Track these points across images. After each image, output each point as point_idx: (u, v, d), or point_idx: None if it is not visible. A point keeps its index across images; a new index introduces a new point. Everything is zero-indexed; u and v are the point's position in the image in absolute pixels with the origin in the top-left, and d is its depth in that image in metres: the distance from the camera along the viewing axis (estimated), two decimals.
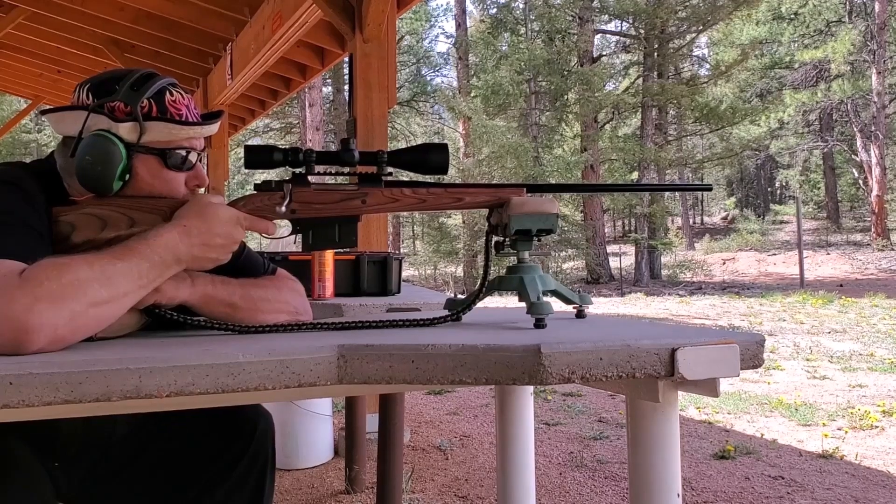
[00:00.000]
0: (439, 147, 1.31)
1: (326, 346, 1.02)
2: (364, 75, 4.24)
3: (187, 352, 0.97)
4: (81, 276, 1.05)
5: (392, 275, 2.32)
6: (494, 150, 21.21)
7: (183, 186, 1.35)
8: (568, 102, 22.55)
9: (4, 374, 0.86)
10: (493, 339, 1.03)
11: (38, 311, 0.99)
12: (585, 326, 1.21)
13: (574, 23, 22.51)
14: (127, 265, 1.11)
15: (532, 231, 1.29)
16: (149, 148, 1.29)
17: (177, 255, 1.17)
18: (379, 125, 4.25)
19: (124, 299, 1.10)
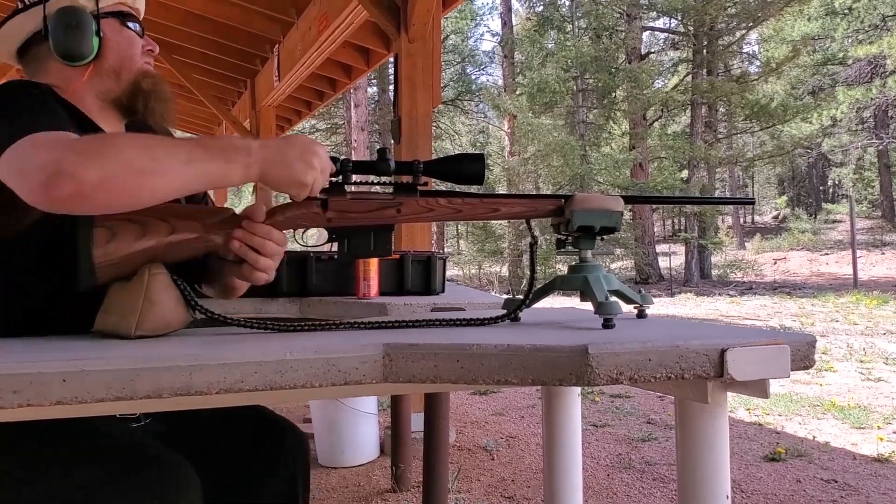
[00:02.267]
0: (475, 157, 1.30)
1: (371, 344, 1.02)
2: (409, 75, 4.26)
3: (235, 349, 0.99)
4: (123, 144, 1.09)
5: (436, 274, 2.33)
6: (540, 149, 21.10)
7: (140, 46, 1.47)
8: (616, 100, 22.35)
9: (57, 372, 0.89)
10: (540, 339, 1.02)
11: (69, 160, 1.03)
12: (634, 327, 1.20)
13: (622, 19, 22.29)
14: (174, 143, 1.12)
15: (595, 228, 1.28)
16: (108, 12, 1.43)
17: (245, 151, 1.15)
18: (423, 124, 4.26)
19: (166, 176, 1.09)
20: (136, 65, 1.46)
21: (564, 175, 20.92)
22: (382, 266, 2.24)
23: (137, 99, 1.44)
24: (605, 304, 1.18)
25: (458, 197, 1.30)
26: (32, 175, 1.04)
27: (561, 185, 21.01)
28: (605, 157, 21.56)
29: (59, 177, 1.02)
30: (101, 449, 1.24)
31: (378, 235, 1.32)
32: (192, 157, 1.11)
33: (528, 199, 1.32)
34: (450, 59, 27.72)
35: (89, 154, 1.04)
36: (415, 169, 1.30)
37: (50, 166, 1.02)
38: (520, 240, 21.32)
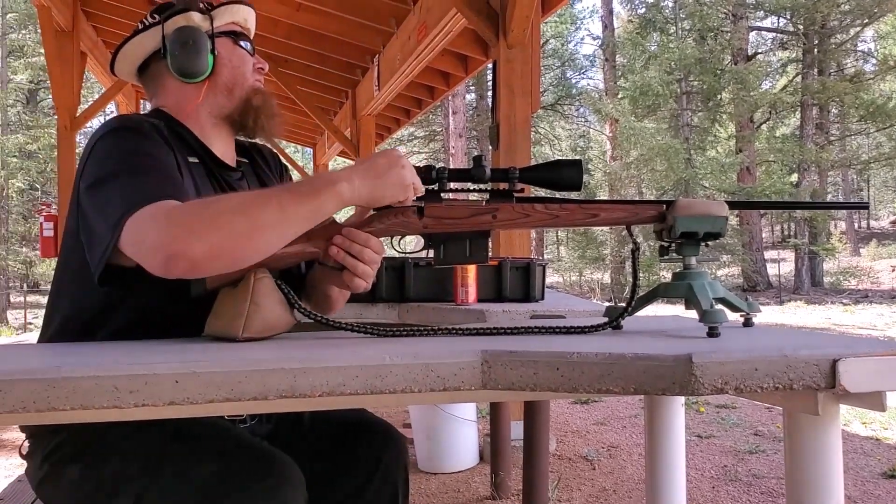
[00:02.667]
0: (572, 163, 1.29)
1: (470, 351, 1.03)
2: (507, 81, 4.26)
3: (337, 353, 1.01)
4: (222, 209, 1.15)
5: (535, 281, 2.32)
6: (643, 153, 20.74)
7: (251, 64, 1.52)
8: (721, 102, 21.74)
9: (170, 373, 0.93)
10: (642, 348, 1.00)
11: (179, 241, 1.12)
12: (740, 336, 1.16)
13: (727, 20, 21.69)
14: (266, 198, 1.18)
15: (699, 234, 1.25)
16: (221, 32, 1.49)
17: (333, 180, 1.20)
18: (522, 130, 4.26)
19: (266, 231, 1.16)
20: (247, 82, 1.50)
21: (668, 179, 20.48)
22: (481, 273, 2.25)
23: (248, 115, 1.49)
24: (710, 313, 1.15)
25: (554, 203, 1.29)
26: (150, 256, 1.14)
27: (665, 190, 20.58)
28: (711, 160, 21.00)
29: (173, 259, 1.12)
30: (215, 447, 1.29)
31: (474, 242, 1.32)
32: (284, 204, 1.17)
33: (629, 204, 1.29)
34: (549, 63, 27.58)
35: (194, 229, 1.12)
36: (510, 175, 1.29)
37: (163, 249, 1.12)
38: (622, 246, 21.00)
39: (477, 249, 1.32)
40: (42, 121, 23.93)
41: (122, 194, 1.20)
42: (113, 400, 0.91)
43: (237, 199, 1.18)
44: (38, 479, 1.34)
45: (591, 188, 24.28)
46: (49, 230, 7.17)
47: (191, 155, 1.44)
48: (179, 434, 1.29)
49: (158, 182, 1.23)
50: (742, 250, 20.06)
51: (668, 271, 17.06)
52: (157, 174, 1.25)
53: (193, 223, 1.13)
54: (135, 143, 1.30)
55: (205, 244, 1.12)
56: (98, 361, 0.97)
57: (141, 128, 1.33)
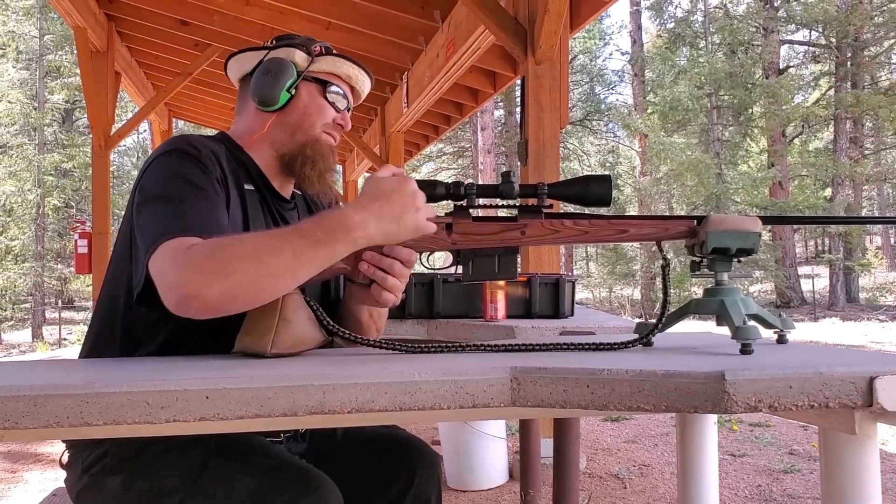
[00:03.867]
0: (600, 179, 1.29)
1: (499, 367, 1.02)
2: (536, 97, 4.26)
3: (366, 370, 1.01)
4: (235, 254, 1.16)
5: (565, 297, 2.31)
6: (673, 168, 20.61)
7: (330, 118, 1.52)
8: (753, 116, 21.55)
9: (201, 389, 0.94)
10: (673, 365, 0.99)
11: (193, 284, 1.13)
12: (773, 353, 1.14)
13: (758, 34, 21.54)
14: (281, 243, 1.18)
15: (731, 250, 1.24)
16: (315, 77, 1.51)
17: (346, 225, 1.19)
18: (550, 146, 4.25)
19: (278, 277, 1.16)
20: (313, 131, 1.51)
21: (699, 195, 20.33)
22: (510, 289, 2.24)
23: (297, 161, 1.50)
24: (743, 329, 1.14)
25: (583, 219, 1.29)
26: (165, 293, 1.16)
27: (696, 206, 20.42)
28: (743, 175, 20.81)
29: (187, 299, 1.14)
30: (256, 463, 1.31)
31: (503, 258, 1.32)
32: (297, 250, 1.17)
33: (659, 220, 1.29)
34: (578, 79, 27.56)
35: (210, 273, 1.14)
36: (539, 191, 1.30)
37: (178, 289, 1.14)
38: (652, 262, 20.84)
39: (506, 265, 1.32)
40: (77, 140, 24.40)
41: (158, 220, 1.23)
42: (144, 415, 0.92)
43: (253, 242, 1.18)
44: (78, 490, 1.36)
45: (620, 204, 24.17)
46: (83, 247, 7.28)
47: (248, 182, 1.47)
48: (220, 449, 1.31)
49: (192, 214, 1.25)
50: (775, 266, 19.82)
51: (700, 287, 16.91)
52: (194, 206, 1.27)
53: (209, 267, 1.15)
54: (185, 168, 1.32)
55: (218, 289, 1.14)
56: (130, 377, 0.98)
57: (196, 153, 1.35)
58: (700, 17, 23.16)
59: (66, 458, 1.41)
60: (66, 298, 26.08)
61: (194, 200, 1.28)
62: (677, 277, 17.18)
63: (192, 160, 1.33)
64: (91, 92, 7.04)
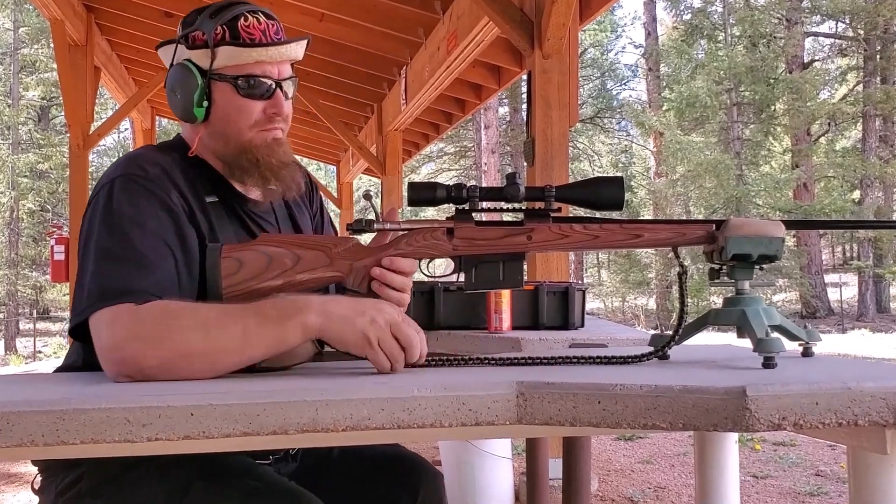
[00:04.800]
0: (612, 180, 1.29)
1: (504, 382, 1.02)
2: (543, 93, 4.27)
3: (362, 385, 1.01)
4: (182, 325, 1.17)
5: (575, 307, 2.31)
6: (690, 169, 20.63)
7: (257, 114, 1.43)
8: (775, 114, 21.58)
9: (185, 406, 0.94)
10: (691, 379, 0.99)
11: (131, 350, 1.16)
12: (798, 367, 1.14)
13: (780, 25, 21.58)
14: (232, 320, 1.18)
15: (752, 256, 1.24)
16: (221, 74, 1.41)
17: (305, 309, 1.19)
18: (559, 145, 4.26)
19: (221, 354, 1.17)
20: (241, 137, 1.44)
21: (718, 197, 20.34)
22: (516, 298, 2.24)
23: (241, 168, 1.46)
24: (766, 341, 1.14)
25: (594, 223, 1.29)
26: (101, 356, 1.19)
27: (714, 209, 20.43)
28: (765, 176, 20.82)
29: (123, 364, 1.16)
30: (241, 485, 1.31)
31: (508, 265, 1.32)
32: (247, 328, 1.18)
33: (675, 224, 1.29)
34: (588, 73, 27.61)
35: (150, 342, 1.16)
36: (547, 194, 1.30)
37: (115, 352, 1.17)
38: (668, 269, 20.85)
39: (511, 273, 1.32)
40: (54, 139, 24.44)
41: (93, 280, 1.25)
42: (125, 433, 0.92)
43: (201, 315, 1.19)
44: None
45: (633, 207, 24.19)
46: (60, 254, 7.29)
47: (210, 193, 1.45)
48: (204, 471, 1.30)
49: (131, 274, 1.25)
50: (800, 274, 19.81)
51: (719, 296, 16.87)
52: (136, 262, 1.26)
53: (150, 334, 1.16)
54: (131, 202, 1.31)
55: (157, 358, 1.15)
56: (109, 393, 0.98)
57: (143, 179, 1.34)
58: (719, 7, 23.19)
59: (38, 483, 1.41)
60: (42, 308, 26.09)
61: (139, 245, 1.28)
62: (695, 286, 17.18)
63: (139, 189, 1.32)
64: (69, 88, 7.06)
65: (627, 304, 23.87)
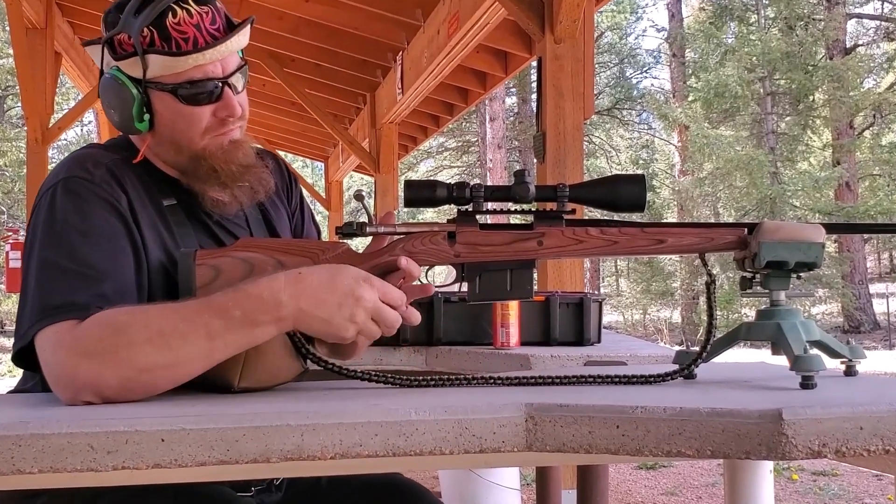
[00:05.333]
0: (633, 179, 1.30)
1: (512, 404, 1.02)
2: (555, 81, 4.28)
3: (353, 407, 1.01)
4: (135, 338, 1.17)
5: (590, 320, 2.31)
6: (719, 166, 20.63)
7: (207, 120, 1.40)
8: (814, 105, 21.58)
9: (155, 430, 0.93)
10: (720, 401, 0.99)
11: (84, 370, 1.15)
12: (840, 387, 1.14)
13: (820, 6, 21.60)
14: (192, 325, 1.18)
15: (788, 264, 1.24)
16: (158, 83, 1.37)
17: (274, 306, 1.19)
18: (572, 139, 4.26)
19: (184, 364, 1.18)
20: (193, 146, 1.42)
21: (750, 198, 20.34)
22: (524, 310, 2.24)
23: (199, 176, 1.44)
24: (804, 359, 1.14)
25: (612, 226, 1.29)
26: (53, 383, 1.19)
27: (746, 211, 20.44)
28: (802, 175, 20.82)
29: (79, 390, 1.16)
30: None
31: (516, 273, 1.32)
32: (212, 331, 1.18)
33: (703, 228, 1.29)
34: (605, 60, 27.66)
35: (104, 358, 1.16)
36: (559, 194, 1.30)
37: (67, 379, 1.17)
38: (695, 278, 20.82)
39: (519, 282, 1.32)
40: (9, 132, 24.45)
41: (35, 297, 1.26)
42: (88, 461, 0.92)
43: (156, 323, 1.18)
44: None
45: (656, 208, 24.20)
46: (16, 260, 7.30)
47: (166, 196, 1.44)
48: (180, 502, 1.30)
49: (74, 287, 1.25)
50: (842, 283, 19.79)
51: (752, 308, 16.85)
52: (80, 273, 1.26)
53: (103, 353, 1.16)
54: (76, 207, 1.31)
55: (115, 378, 1.15)
56: (71, 416, 0.98)
57: (89, 182, 1.33)
58: None
59: None
60: None
61: (85, 255, 1.28)
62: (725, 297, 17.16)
63: (85, 192, 1.32)
64: (26, 76, 7.06)
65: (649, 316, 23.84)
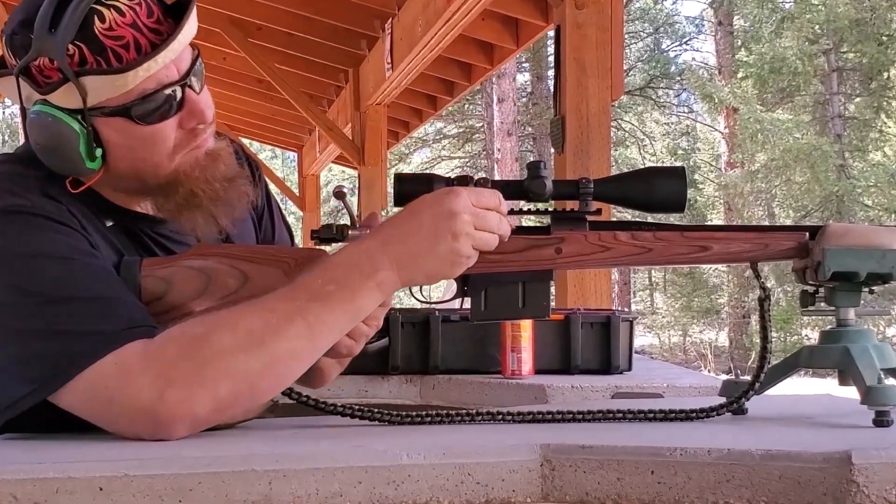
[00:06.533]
0: (670, 172, 1.30)
1: (524, 445, 1.02)
2: (576, 55, 4.28)
3: (331, 449, 1.01)
4: (223, 347, 1.16)
5: (619, 343, 2.31)
6: (774, 157, 20.63)
7: (174, 136, 1.36)
8: (889, 83, 21.62)
9: (93, 477, 0.93)
10: (777, 442, 1.00)
11: (171, 400, 1.13)
12: None
13: None
14: (284, 317, 1.18)
15: (859, 276, 1.24)
16: (103, 109, 1.29)
17: (368, 265, 1.22)
18: (598, 125, 4.26)
19: (292, 361, 1.20)
20: (162, 171, 1.38)
21: (812, 196, 20.35)
22: (539, 332, 2.24)
23: (173, 202, 1.41)
24: (877, 390, 1.14)
25: (646, 230, 1.29)
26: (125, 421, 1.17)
27: (808, 211, 20.44)
28: (875, 167, 20.82)
29: (167, 426, 1.14)
30: None
31: (530, 287, 1.32)
32: (312, 321, 1.19)
33: (754, 232, 1.29)
34: (636, 29, 27.68)
35: (190, 379, 1.15)
36: (582, 190, 1.30)
37: (150, 413, 1.14)
38: (745, 293, 20.80)
39: (534, 298, 1.32)
40: None
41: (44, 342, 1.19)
42: None
43: (242, 324, 1.19)
44: None
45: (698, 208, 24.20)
46: None
47: (106, 215, 1.41)
48: None
49: (104, 312, 1.21)
50: None
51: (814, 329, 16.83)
52: (90, 298, 1.22)
53: (187, 368, 1.15)
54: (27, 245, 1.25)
55: (209, 398, 1.15)
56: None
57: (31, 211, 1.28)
58: None
59: None
60: None
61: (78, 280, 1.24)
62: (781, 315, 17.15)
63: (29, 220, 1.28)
64: None
65: (690, 339, 23.81)
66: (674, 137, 30.71)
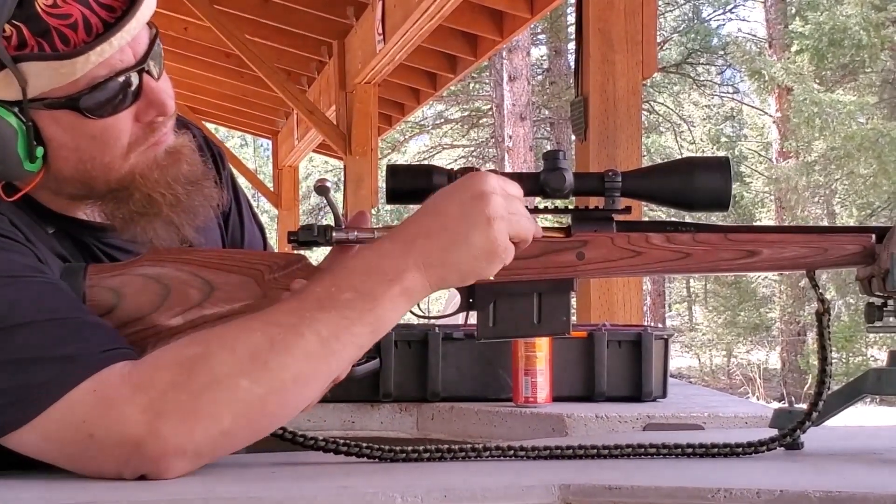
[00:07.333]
0: (713, 165, 1.31)
1: (541, 486, 1.03)
2: (601, 24, 4.28)
3: (313, 490, 1.01)
4: (222, 371, 1.15)
5: (652, 365, 2.31)
6: (835, 146, 20.65)
7: (131, 131, 1.35)
8: None
9: None
10: (838, 481, 1.00)
11: (163, 434, 1.11)
12: None
13: None
14: (293, 332, 1.17)
15: None
16: (46, 100, 1.29)
17: (393, 267, 1.21)
18: (627, 108, 4.27)
19: (304, 384, 1.19)
20: (119, 171, 1.37)
21: (879, 191, 20.36)
22: (558, 352, 2.25)
23: (128, 208, 1.40)
24: None
25: (683, 231, 1.30)
26: (105, 462, 1.14)
27: (874, 210, 20.47)
28: None
29: (157, 463, 1.12)
30: None
31: (547, 298, 1.32)
32: (324, 332, 1.18)
33: (811, 234, 1.30)
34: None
35: (185, 415, 1.13)
36: (608, 185, 1.30)
37: (136, 450, 1.12)
38: (800, 306, 20.83)
39: (551, 312, 1.33)
40: None
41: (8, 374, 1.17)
42: None
43: (243, 344, 1.17)
44: None
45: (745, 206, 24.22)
46: None
47: (46, 224, 1.41)
48: None
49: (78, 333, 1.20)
50: None
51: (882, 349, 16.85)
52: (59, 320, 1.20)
53: (183, 403, 1.13)
54: None
55: (211, 429, 1.14)
56: None
57: None
58: None
59: None
60: None
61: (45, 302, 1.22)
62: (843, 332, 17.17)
63: None
64: None
65: (736, 360, 23.83)
66: (716, 122, 30.74)
